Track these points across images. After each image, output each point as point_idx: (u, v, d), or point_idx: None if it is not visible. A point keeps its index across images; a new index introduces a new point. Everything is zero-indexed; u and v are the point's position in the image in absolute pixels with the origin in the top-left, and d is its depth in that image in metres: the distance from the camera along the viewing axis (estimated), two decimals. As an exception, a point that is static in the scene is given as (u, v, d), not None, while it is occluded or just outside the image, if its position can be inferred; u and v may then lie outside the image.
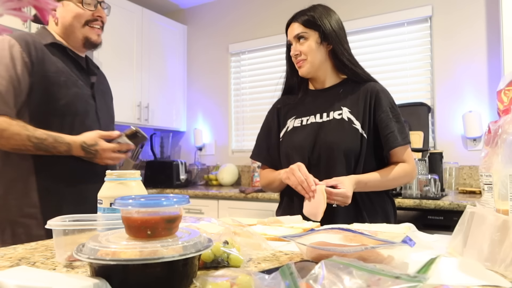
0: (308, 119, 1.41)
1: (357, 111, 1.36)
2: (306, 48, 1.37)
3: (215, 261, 0.71)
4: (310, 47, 1.37)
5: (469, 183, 2.61)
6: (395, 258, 0.68)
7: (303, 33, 1.38)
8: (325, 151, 1.33)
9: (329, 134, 1.34)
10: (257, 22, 3.48)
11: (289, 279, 0.51)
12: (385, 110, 1.35)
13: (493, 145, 0.74)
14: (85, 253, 0.58)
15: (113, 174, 0.85)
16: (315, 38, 1.37)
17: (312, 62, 1.38)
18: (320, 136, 1.35)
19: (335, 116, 1.37)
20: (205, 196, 2.84)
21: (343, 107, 1.38)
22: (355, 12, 3.02)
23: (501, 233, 0.66)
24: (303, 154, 1.36)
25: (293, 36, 1.40)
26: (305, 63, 1.39)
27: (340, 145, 1.32)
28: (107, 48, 3.06)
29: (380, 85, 1.41)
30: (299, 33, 1.38)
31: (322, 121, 1.38)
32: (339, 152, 1.32)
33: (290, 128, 1.44)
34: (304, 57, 1.38)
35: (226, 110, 3.63)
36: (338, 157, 1.32)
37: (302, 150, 1.36)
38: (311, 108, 1.42)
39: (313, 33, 1.37)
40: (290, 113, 1.47)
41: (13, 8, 0.54)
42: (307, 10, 1.41)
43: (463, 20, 2.67)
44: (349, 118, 1.35)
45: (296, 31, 1.39)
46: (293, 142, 1.40)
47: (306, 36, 1.38)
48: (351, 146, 1.32)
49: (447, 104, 2.70)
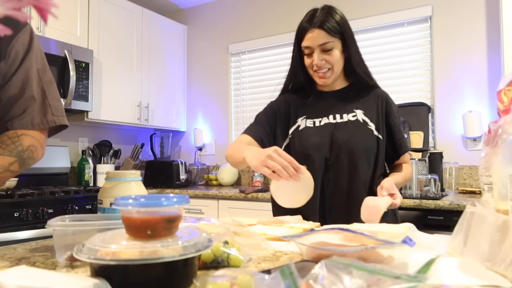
0: (321, 120, 1.39)
1: (370, 114, 1.37)
2: (334, 58, 1.32)
3: (215, 261, 0.71)
4: (337, 58, 1.33)
5: (469, 183, 2.60)
6: (395, 258, 0.68)
7: (330, 42, 1.30)
8: (345, 151, 1.33)
9: (347, 135, 1.34)
10: (257, 22, 3.48)
11: (289, 279, 0.51)
12: (396, 116, 1.42)
13: (493, 145, 0.74)
14: (85, 253, 0.58)
15: (113, 174, 0.85)
16: (339, 47, 1.33)
17: (336, 73, 1.36)
18: (337, 136, 1.34)
19: (349, 118, 1.37)
20: (205, 196, 2.84)
21: (356, 109, 1.38)
22: (355, 12, 3.02)
23: (501, 233, 0.66)
24: (321, 154, 1.34)
25: (317, 44, 1.31)
26: (329, 73, 1.35)
27: (359, 145, 1.33)
28: (107, 48, 3.07)
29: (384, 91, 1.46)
30: (326, 42, 1.30)
31: (336, 122, 1.37)
32: (360, 151, 1.32)
33: (302, 127, 1.40)
34: (329, 66, 1.33)
35: (226, 110, 3.63)
36: (359, 157, 1.32)
37: (320, 150, 1.34)
38: (323, 110, 1.41)
39: (337, 42, 1.32)
40: (300, 111, 1.43)
41: (13, 8, 0.54)
42: (326, 14, 1.32)
43: (463, 20, 2.67)
44: (364, 120, 1.36)
45: (322, 40, 1.30)
46: (309, 142, 1.37)
47: (332, 46, 1.31)
48: (370, 146, 1.34)
49: (447, 104, 2.70)
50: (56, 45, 2.63)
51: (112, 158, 3.30)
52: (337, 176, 1.32)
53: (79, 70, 2.74)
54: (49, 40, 2.60)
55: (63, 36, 2.73)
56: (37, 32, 2.60)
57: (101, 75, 3.01)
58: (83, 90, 2.77)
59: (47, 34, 2.64)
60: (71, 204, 2.39)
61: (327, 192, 1.33)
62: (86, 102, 2.79)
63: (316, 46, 1.31)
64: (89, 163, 3.12)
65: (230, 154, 1.37)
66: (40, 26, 2.62)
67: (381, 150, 1.36)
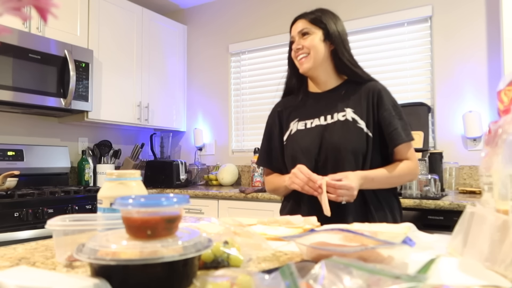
0: (312, 122, 1.40)
1: (360, 110, 1.36)
2: (309, 42, 1.37)
3: (215, 261, 0.71)
4: (313, 42, 1.37)
5: (469, 183, 2.60)
6: (395, 258, 0.68)
7: (307, 28, 1.38)
8: (332, 153, 1.33)
9: (335, 136, 1.34)
10: (257, 22, 3.48)
11: (289, 279, 0.51)
12: (388, 108, 1.35)
13: (493, 145, 0.74)
14: (85, 253, 0.58)
15: (113, 174, 0.85)
16: (319, 35, 1.38)
17: (315, 58, 1.38)
18: (326, 138, 1.35)
19: (339, 118, 1.36)
20: (205, 196, 2.83)
21: (346, 108, 1.38)
22: (355, 12, 3.02)
23: (501, 233, 0.66)
24: (309, 157, 1.35)
25: (297, 32, 1.40)
26: (307, 58, 1.38)
27: (346, 146, 1.32)
28: (107, 48, 3.07)
29: (381, 84, 1.42)
30: (304, 28, 1.39)
31: (327, 123, 1.37)
32: (346, 152, 1.32)
33: (294, 131, 1.42)
34: (306, 50, 1.38)
35: (226, 110, 3.63)
36: (345, 158, 1.32)
37: (308, 153, 1.35)
38: (314, 111, 1.41)
39: (317, 30, 1.38)
40: (292, 115, 1.46)
41: (13, 8, 0.54)
42: (314, 11, 1.42)
43: (463, 20, 2.67)
44: (353, 118, 1.35)
45: (301, 27, 1.39)
46: (299, 145, 1.38)
47: (310, 32, 1.38)
48: (357, 146, 1.32)
49: (447, 104, 2.70)
50: (56, 45, 2.63)
51: (112, 158, 3.30)
52: None
53: (79, 70, 2.74)
54: (49, 40, 2.60)
55: (63, 36, 2.73)
56: (37, 32, 2.60)
57: (101, 75, 3.01)
58: (83, 90, 2.77)
59: (47, 34, 2.64)
60: (71, 204, 2.39)
61: None
62: (86, 102, 2.79)
63: (296, 33, 1.41)
64: (89, 163, 3.12)
65: (271, 190, 1.52)
66: (40, 26, 2.62)
67: (370, 147, 1.33)
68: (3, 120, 2.77)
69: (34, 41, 2.51)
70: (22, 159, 2.72)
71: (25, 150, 2.75)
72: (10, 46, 2.39)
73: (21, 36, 2.45)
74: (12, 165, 2.64)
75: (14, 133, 2.83)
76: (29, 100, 2.48)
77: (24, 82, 2.45)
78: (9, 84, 2.37)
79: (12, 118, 2.82)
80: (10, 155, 2.66)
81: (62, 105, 2.64)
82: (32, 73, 2.49)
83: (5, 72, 2.36)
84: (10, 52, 2.38)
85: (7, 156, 2.64)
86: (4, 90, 2.36)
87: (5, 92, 2.36)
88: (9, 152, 2.66)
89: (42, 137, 2.99)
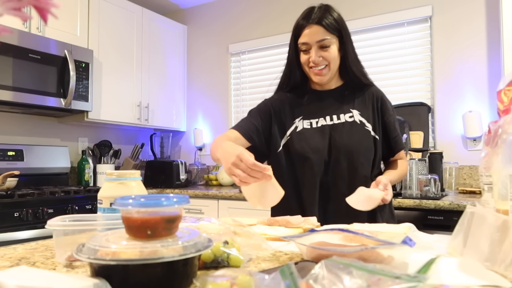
0: (318, 121, 1.38)
1: (367, 114, 1.37)
2: (331, 55, 1.31)
3: (215, 261, 0.71)
4: (334, 55, 1.32)
5: (469, 183, 2.60)
6: (395, 258, 0.68)
7: (327, 40, 1.29)
8: (345, 154, 1.32)
9: (345, 137, 1.33)
10: (257, 22, 3.48)
11: (289, 279, 0.51)
12: (391, 113, 1.42)
13: (493, 145, 0.74)
14: (85, 253, 0.58)
15: (113, 174, 0.85)
16: (336, 45, 1.32)
17: (333, 70, 1.35)
18: (335, 139, 1.33)
19: (346, 119, 1.36)
20: (205, 196, 2.83)
21: (353, 109, 1.38)
22: (355, 12, 3.02)
23: (501, 233, 0.66)
24: (321, 157, 1.33)
25: (315, 41, 1.30)
26: (326, 70, 1.33)
27: (359, 148, 1.33)
28: (107, 48, 3.07)
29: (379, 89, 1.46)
30: (324, 38, 1.29)
31: (333, 123, 1.36)
32: (359, 155, 1.32)
33: (300, 128, 1.38)
34: (326, 62, 1.32)
35: (226, 110, 3.63)
36: (359, 160, 1.32)
37: (318, 153, 1.33)
38: (319, 110, 1.39)
39: (334, 39, 1.31)
40: (296, 111, 1.41)
41: (13, 8, 0.54)
42: (324, 12, 1.31)
43: (463, 20, 2.67)
44: (361, 120, 1.36)
45: (321, 36, 1.29)
46: (308, 144, 1.35)
47: (330, 43, 1.30)
48: (368, 148, 1.34)
49: (447, 104, 2.70)
50: (56, 45, 2.63)
51: (112, 158, 3.30)
52: (336, 179, 1.31)
53: (79, 70, 2.74)
54: (49, 40, 2.60)
55: (63, 36, 2.73)
56: (37, 32, 2.60)
57: (101, 75, 3.01)
58: (83, 90, 2.77)
59: (47, 34, 2.64)
60: (71, 204, 2.39)
61: (326, 195, 1.32)
62: (86, 102, 2.79)
63: (314, 42, 1.30)
64: (89, 163, 3.12)
65: (211, 150, 1.29)
66: (40, 26, 2.62)
67: (378, 150, 1.37)
68: (3, 120, 2.77)
69: (34, 41, 2.51)
70: (22, 159, 2.72)
71: (25, 150, 2.75)
72: (10, 46, 2.39)
73: (21, 36, 2.45)
74: (12, 165, 2.64)
75: (14, 133, 2.83)
76: (29, 100, 2.48)
77: (24, 82, 2.45)
78: (9, 84, 2.37)
79: (12, 118, 2.82)
80: (10, 155, 2.66)
81: (62, 105, 2.64)
82: (32, 73, 2.49)
83: (5, 72, 2.36)
84: (10, 52, 2.38)
85: (7, 156, 2.64)
86: (4, 90, 2.36)
87: (5, 92, 2.36)
88: (9, 152, 2.66)
89: (42, 137, 2.99)
